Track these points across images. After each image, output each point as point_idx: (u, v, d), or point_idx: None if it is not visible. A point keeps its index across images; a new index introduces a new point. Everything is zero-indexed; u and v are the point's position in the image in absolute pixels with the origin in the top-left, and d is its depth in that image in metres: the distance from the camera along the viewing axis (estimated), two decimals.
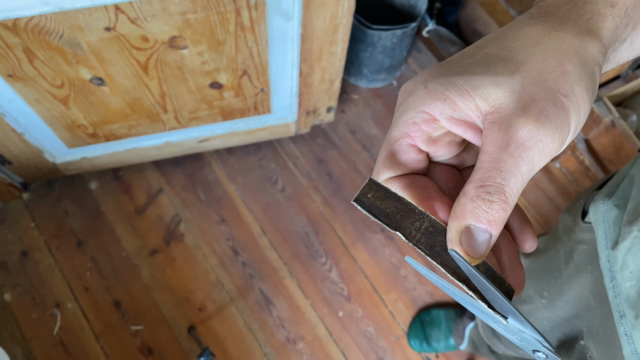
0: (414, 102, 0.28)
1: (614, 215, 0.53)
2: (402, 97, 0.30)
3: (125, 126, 1.27)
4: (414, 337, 1.43)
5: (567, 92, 0.27)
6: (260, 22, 1.01)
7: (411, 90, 0.29)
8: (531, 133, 0.26)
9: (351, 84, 1.71)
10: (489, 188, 0.26)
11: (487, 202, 0.26)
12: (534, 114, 0.26)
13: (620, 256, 0.49)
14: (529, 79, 0.27)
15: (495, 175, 0.26)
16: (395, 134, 0.29)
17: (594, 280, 0.60)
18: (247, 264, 1.49)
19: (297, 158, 1.61)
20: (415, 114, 0.28)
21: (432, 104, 0.28)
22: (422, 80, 0.29)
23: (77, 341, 1.39)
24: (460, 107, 0.27)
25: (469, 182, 0.27)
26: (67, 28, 0.91)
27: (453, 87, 0.27)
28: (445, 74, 0.28)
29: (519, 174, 0.26)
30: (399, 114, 0.29)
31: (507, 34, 0.29)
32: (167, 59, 1.05)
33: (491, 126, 0.27)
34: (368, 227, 1.54)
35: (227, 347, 1.41)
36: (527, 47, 0.28)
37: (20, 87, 1.04)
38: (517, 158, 0.26)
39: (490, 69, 0.27)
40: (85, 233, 1.49)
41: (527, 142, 0.26)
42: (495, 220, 0.26)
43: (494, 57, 0.28)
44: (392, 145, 0.30)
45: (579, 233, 0.64)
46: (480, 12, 1.73)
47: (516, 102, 0.26)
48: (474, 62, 0.28)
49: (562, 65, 0.27)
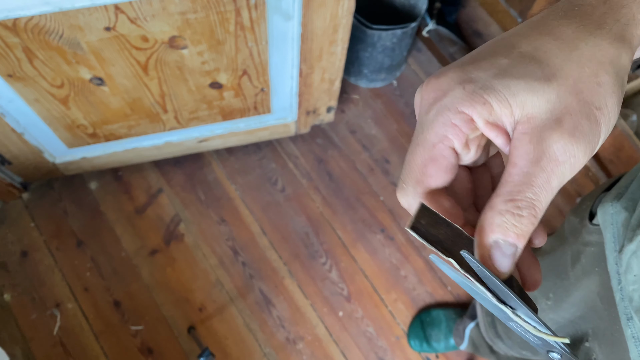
0: (451, 102, 0.27)
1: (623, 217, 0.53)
2: (434, 94, 0.28)
3: (125, 126, 1.27)
4: (414, 337, 1.43)
5: (601, 104, 0.26)
6: (260, 22, 1.00)
7: (446, 89, 0.27)
8: (565, 148, 0.25)
9: (351, 83, 1.71)
10: (520, 202, 0.25)
11: (517, 217, 0.25)
12: (568, 128, 0.25)
13: (625, 259, 0.49)
14: (564, 88, 0.26)
15: (525, 190, 0.25)
16: (431, 137, 0.27)
17: (601, 282, 0.60)
18: (247, 264, 1.49)
19: (297, 158, 1.61)
20: (454, 115, 0.27)
21: (472, 106, 0.26)
22: (458, 79, 0.27)
23: (76, 341, 1.39)
24: (497, 112, 0.26)
25: (497, 194, 0.26)
26: (67, 28, 0.91)
27: (492, 92, 0.26)
28: (482, 76, 0.27)
29: (549, 188, 0.26)
30: (434, 115, 0.27)
31: (541, 31, 0.28)
32: (167, 59, 1.05)
33: (522, 137, 0.26)
34: (368, 227, 1.54)
35: (227, 347, 1.41)
36: (563, 51, 0.27)
37: (20, 87, 1.04)
38: (549, 173, 0.25)
39: (527, 73, 0.26)
40: (85, 233, 1.49)
41: (560, 157, 0.25)
42: (524, 234, 0.26)
43: (529, 58, 0.27)
44: (430, 151, 0.27)
45: (586, 235, 0.64)
46: (481, 12, 1.73)
47: (550, 112, 0.26)
48: (510, 64, 0.27)
49: (597, 76, 0.27)
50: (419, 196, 0.28)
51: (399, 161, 1.62)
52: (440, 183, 0.28)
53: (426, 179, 0.28)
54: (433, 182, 0.28)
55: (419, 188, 0.28)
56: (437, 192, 0.28)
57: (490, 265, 0.26)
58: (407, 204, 0.29)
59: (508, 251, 0.26)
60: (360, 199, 1.57)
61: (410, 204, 0.29)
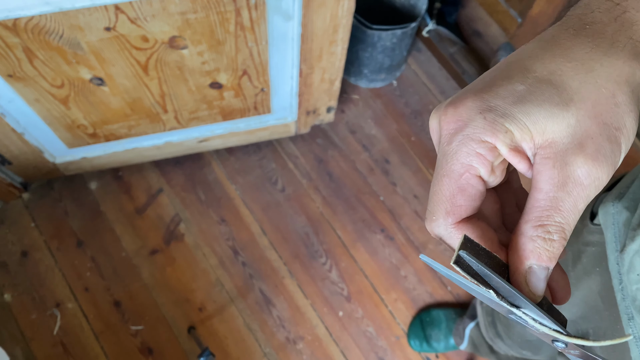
0: (474, 132, 0.27)
1: (624, 217, 0.53)
2: (454, 124, 0.28)
3: (125, 126, 1.27)
4: (414, 337, 1.43)
5: (620, 125, 0.27)
6: (260, 22, 1.01)
7: (467, 119, 0.27)
8: (589, 172, 0.26)
9: (351, 84, 1.71)
10: (549, 227, 0.26)
11: (549, 242, 0.26)
12: (591, 152, 0.26)
13: (628, 258, 0.49)
14: (583, 112, 0.26)
15: (554, 215, 0.26)
16: (457, 168, 0.27)
17: (602, 282, 0.60)
18: (247, 264, 1.49)
19: (297, 158, 1.61)
20: (477, 144, 0.27)
21: (494, 135, 0.27)
22: (477, 108, 0.27)
23: (77, 341, 1.39)
24: (518, 139, 0.27)
25: (525, 221, 0.27)
26: (67, 28, 0.91)
27: (513, 120, 0.26)
28: (501, 104, 0.27)
29: (577, 212, 0.26)
30: (457, 145, 0.27)
31: (555, 52, 0.28)
32: (167, 59, 1.05)
33: (545, 162, 0.26)
34: (368, 227, 1.54)
35: (227, 347, 1.41)
36: (579, 73, 0.27)
37: (20, 87, 1.04)
38: (576, 197, 0.26)
39: (546, 99, 0.27)
40: (85, 233, 1.49)
41: (585, 181, 0.26)
42: (555, 256, 0.27)
43: (546, 83, 0.27)
44: (457, 181, 0.28)
45: (588, 235, 0.64)
46: (481, 12, 1.73)
47: (571, 137, 0.26)
48: (528, 90, 0.27)
49: (614, 97, 0.27)
50: (450, 226, 0.28)
51: (398, 161, 1.62)
52: (471, 211, 0.28)
53: (456, 209, 0.28)
54: (463, 212, 0.28)
55: (450, 219, 0.28)
56: (469, 220, 0.29)
57: (527, 290, 0.27)
58: (438, 234, 0.29)
59: (542, 275, 0.27)
60: (360, 199, 1.57)
61: (441, 234, 0.29)
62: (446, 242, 0.29)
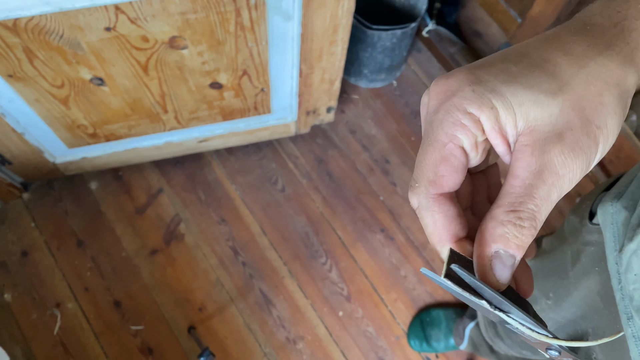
0: (460, 102, 0.27)
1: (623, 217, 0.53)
2: (443, 94, 0.28)
3: (126, 126, 1.27)
4: (413, 337, 1.43)
5: (601, 124, 0.27)
6: (260, 22, 1.01)
7: (455, 89, 0.27)
8: (565, 162, 0.26)
9: (351, 84, 1.71)
10: (521, 214, 0.26)
11: (519, 228, 0.26)
12: (569, 143, 0.26)
13: (626, 258, 0.49)
14: (568, 103, 0.27)
15: (527, 201, 0.26)
16: (442, 137, 0.27)
17: (601, 282, 0.60)
18: (247, 264, 1.49)
19: (297, 158, 1.61)
20: (463, 115, 0.27)
21: (480, 109, 0.27)
22: (467, 81, 0.27)
23: (77, 341, 1.39)
24: (502, 120, 0.27)
25: (498, 205, 0.27)
26: (67, 28, 0.91)
27: (500, 98, 0.27)
28: (491, 80, 0.27)
29: (550, 201, 0.26)
30: (443, 115, 0.27)
31: (552, 45, 0.29)
32: (167, 59, 1.05)
33: (524, 149, 0.27)
34: (368, 227, 1.54)
35: (227, 347, 1.41)
36: (572, 67, 0.28)
37: (20, 87, 1.04)
38: (550, 186, 0.26)
39: (535, 83, 0.27)
40: (86, 233, 1.49)
41: (561, 171, 0.26)
42: (524, 245, 0.26)
43: (539, 69, 0.27)
44: (440, 150, 0.27)
45: (587, 234, 0.64)
46: (480, 12, 1.73)
47: (552, 126, 0.26)
48: (519, 72, 0.27)
49: (601, 96, 0.27)
50: (430, 196, 0.28)
51: (398, 161, 1.62)
52: (452, 183, 0.28)
53: (439, 178, 0.28)
54: (445, 182, 0.28)
55: (432, 188, 0.28)
56: (448, 196, 0.28)
57: (491, 276, 0.27)
58: (417, 203, 0.29)
59: (508, 262, 0.26)
60: (360, 199, 1.57)
61: (420, 204, 0.29)
62: (422, 214, 0.29)
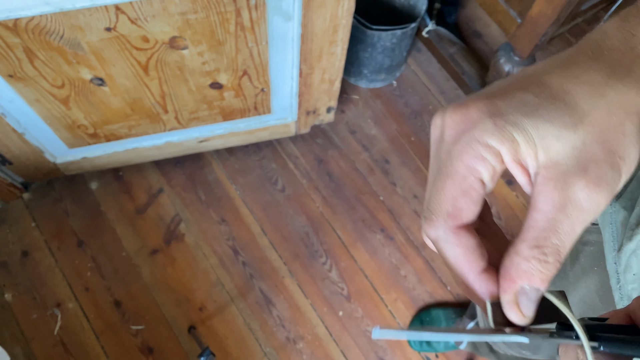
0: (481, 135, 0.26)
1: (622, 216, 0.53)
2: (463, 124, 0.27)
3: (126, 126, 1.27)
4: None
5: (624, 155, 0.26)
6: (260, 22, 1.01)
7: (476, 120, 0.27)
8: (590, 196, 0.25)
9: (351, 84, 1.72)
10: (546, 249, 0.26)
11: (543, 264, 0.26)
12: (593, 176, 0.25)
13: (625, 258, 0.49)
14: (591, 136, 0.26)
15: (551, 237, 0.25)
16: (461, 169, 0.27)
17: (600, 282, 0.60)
18: (247, 263, 1.49)
19: (297, 158, 1.61)
20: (484, 148, 0.26)
21: (501, 142, 0.26)
22: (488, 112, 0.27)
23: (77, 341, 1.40)
24: (523, 152, 0.26)
25: (522, 240, 0.26)
26: (68, 28, 0.91)
27: (522, 131, 0.26)
28: (512, 112, 0.27)
29: (574, 235, 0.26)
30: (463, 146, 0.27)
31: (571, 72, 0.28)
32: (168, 59, 1.05)
33: (546, 182, 0.26)
34: (368, 227, 1.55)
35: (228, 347, 1.42)
36: (592, 97, 0.27)
37: (20, 87, 1.04)
38: (575, 221, 0.25)
39: (556, 116, 0.26)
40: (86, 233, 1.49)
41: (585, 205, 0.25)
42: (548, 279, 0.26)
43: (559, 101, 0.27)
44: (460, 183, 0.27)
45: (585, 234, 0.64)
46: (480, 12, 1.74)
47: (575, 159, 0.26)
48: (540, 104, 0.27)
49: (623, 126, 0.27)
50: (449, 230, 0.28)
51: (398, 161, 1.63)
52: (472, 215, 0.28)
53: (458, 212, 0.27)
54: (465, 215, 0.27)
55: (451, 222, 0.27)
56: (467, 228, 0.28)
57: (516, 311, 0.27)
58: (435, 236, 0.28)
59: (533, 296, 0.26)
60: (360, 198, 1.58)
61: (439, 236, 0.28)
62: (441, 247, 0.28)
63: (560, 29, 1.50)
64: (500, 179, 1.62)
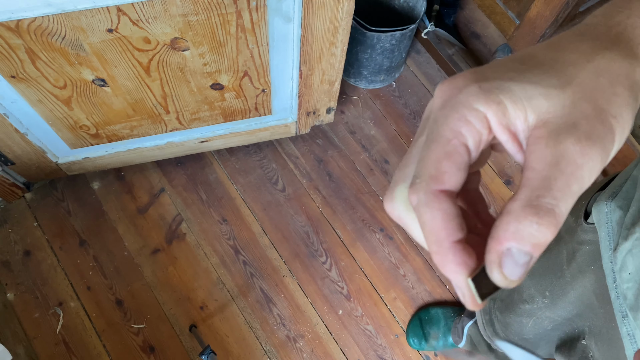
0: (466, 98, 0.26)
1: (617, 216, 0.53)
2: (448, 92, 0.27)
3: (128, 127, 1.28)
4: (413, 335, 1.44)
5: (616, 114, 0.26)
6: (261, 24, 1.02)
7: (462, 86, 0.26)
8: (583, 150, 0.24)
9: (351, 85, 1.72)
10: (539, 208, 0.24)
11: (536, 225, 0.24)
12: (585, 130, 0.25)
13: (620, 257, 0.49)
14: (580, 95, 0.26)
15: (545, 194, 0.24)
16: (446, 133, 0.26)
17: (596, 281, 0.61)
18: (247, 263, 1.50)
19: (297, 158, 1.62)
20: (469, 112, 0.25)
21: (487, 104, 0.25)
22: (473, 78, 0.26)
23: (79, 339, 1.40)
24: (511, 115, 0.26)
25: (514, 199, 0.25)
26: (70, 29, 0.92)
27: (508, 93, 0.25)
28: (499, 77, 0.26)
29: (570, 193, 0.24)
30: (448, 111, 0.26)
31: (558, 45, 0.28)
32: (169, 60, 1.06)
33: (538, 141, 0.25)
34: (367, 226, 1.55)
35: (228, 345, 1.42)
36: (579, 61, 0.27)
37: (22, 88, 1.05)
38: (569, 176, 0.24)
39: (544, 79, 0.26)
40: (88, 232, 1.50)
41: (579, 160, 0.24)
42: (541, 243, 0.24)
43: (546, 67, 0.27)
44: (444, 146, 0.26)
45: (582, 234, 0.64)
46: (479, 14, 1.74)
47: (566, 117, 0.25)
48: (527, 69, 0.27)
49: (613, 87, 0.26)
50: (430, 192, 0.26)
51: (398, 161, 1.63)
52: (454, 181, 0.26)
53: (441, 174, 0.26)
54: (447, 179, 0.26)
55: (433, 184, 0.26)
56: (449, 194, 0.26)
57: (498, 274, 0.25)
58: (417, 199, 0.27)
59: (521, 260, 0.24)
60: (359, 198, 1.58)
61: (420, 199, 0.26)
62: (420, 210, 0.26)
63: (559, 30, 1.51)
64: (498, 179, 1.63)
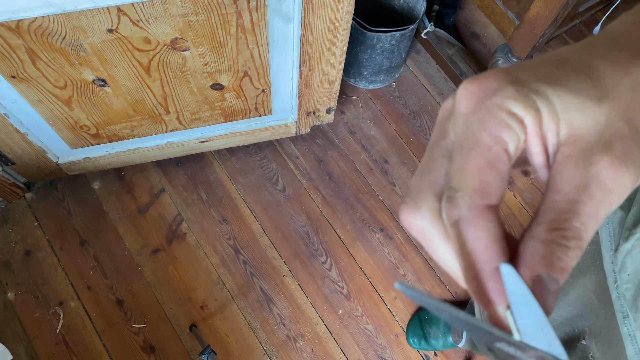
0: (503, 102, 0.23)
1: (619, 217, 0.53)
2: (479, 94, 0.24)
3: (128, 127, 1.28)
4: (412, 335, 1.44)
5: None
6: (261, 24, 1.02)
7: (495, 88, 0.24)
8: (616, 175, 0.23)
9: (350, 85, 1.73)
10: (566, 232, 0.22)
11: (564, 249, 0.22)
12: (619, 154, 0.23)
13: (620, 258, 0.49)
14: (615, 112, 0.24)
15: (572, 219, 0.22)
16: (485, 139, 0.23)
17: (597, 281, 0.61)
18: (248, 262, 1.50)
19: (297, 158, 1.62)
20: (507, 115, 0.23)
21: (525, 109, 0.23)
22: (508, 80, 0.24)
23: (79, 339, 1.41)
24: (545, 125, 0.24)
25: (538, 222, 0.23)
26: (70, 30, 0.92)
27: (545, 101, 0.23)
28: (535, 81, 0.24)
29: (597, 218, 0.23)
30: (484, 114, 0.23)
31: (593, 51, 0.26)
32: (169, 60, 1.06)
33: (567, 160, 0.23)
34: (367, 226, 1.56)
35: (229, 345, 1.43)
36: (616, 73, 0.25)
37: (23, 88, 1.05)
38: (598, 202, 0.22)
39: (581, 88, 0.24)
40: (88, 232, 1.50)
41: (610, 184, 0.22)
42: (568, 268, 0.22)
43: (582, 75, 0.24)
44: (485, 154, 0.23)
45: None
46: (478, 14, 1.75)
47: (599, 135, 0.23)
48: (563, 75, 0.24)
49: None
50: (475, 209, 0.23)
51: (397, 161, 1.64)
52: (500, 193, 0.23)
53: (486, 187, 0.23)
54: (493, 191, 0.23)
55: (479, 199, 0.23)
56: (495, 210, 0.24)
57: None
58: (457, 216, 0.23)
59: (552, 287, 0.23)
60: (359, 198, 1.59)
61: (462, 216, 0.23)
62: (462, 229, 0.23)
63: (558, 31, 1.52)
64: None
